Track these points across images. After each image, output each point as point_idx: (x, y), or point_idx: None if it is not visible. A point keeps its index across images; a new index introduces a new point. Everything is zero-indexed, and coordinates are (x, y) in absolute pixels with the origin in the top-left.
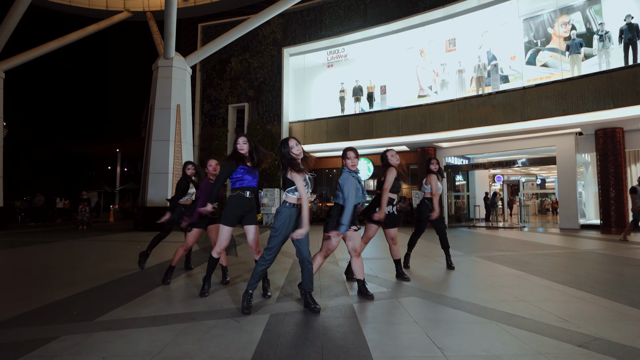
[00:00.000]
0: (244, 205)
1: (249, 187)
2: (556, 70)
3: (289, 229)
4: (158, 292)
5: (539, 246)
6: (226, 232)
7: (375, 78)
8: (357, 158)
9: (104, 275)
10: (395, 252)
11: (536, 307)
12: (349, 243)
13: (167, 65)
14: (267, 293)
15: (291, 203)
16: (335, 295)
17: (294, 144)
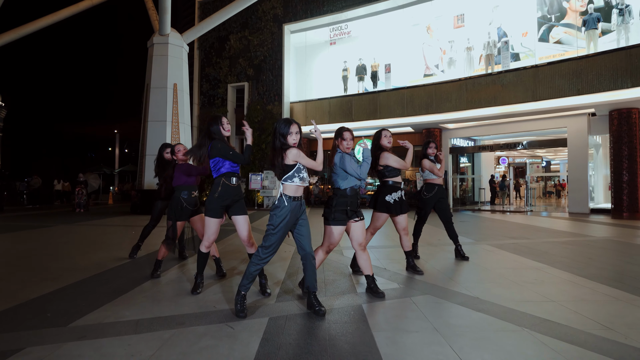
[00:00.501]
0: (230, 193)
1: (234, 172)
2: (571, 47)
3: (288, 225)
4: (146, 288)
5: (553, 233)
6: (213, 225)
7: (380, 56)
8: (352, 140)
9: (90, 266)
10: (406, 243)
11: (569, 309)
12: (353, 236)
13: (163, 42)
14: (266, 290)
15: (290, 196)
16: (341, 293)
17: (295, 131)
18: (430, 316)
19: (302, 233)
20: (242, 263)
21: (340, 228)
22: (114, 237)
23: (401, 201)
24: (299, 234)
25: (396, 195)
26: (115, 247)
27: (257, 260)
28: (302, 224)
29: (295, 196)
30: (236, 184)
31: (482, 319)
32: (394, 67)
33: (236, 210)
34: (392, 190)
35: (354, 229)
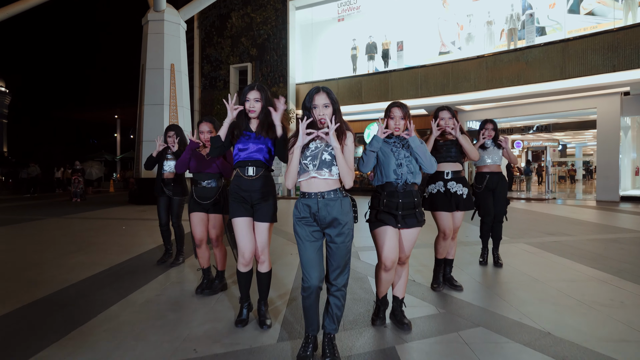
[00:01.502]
0: (245, 188)
1: (252, 160)
2: (604, 19)
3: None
4: (113, 315)
5: (593, 227)
6: (240, 228)
7: (391, 33)
8: (404, 119)
9: (61, 276)
10: (451, 249)
11: None
12: (400, 244)
13: (158, 19)
14: (266, 321)
15: (301, 192)
16: (363, 324)
17: (324, 102)
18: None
19: (338, 243)
20: None
21: (390, 229)
22: (99, 233)
23: (448, 194)
24: (335, 243)
25: (433, 187)
26: (96, 249)
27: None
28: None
29: (307, 192)
30: (253, 177)
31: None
32: (406, 45)
33: (256, 213)
34: (430, 182)
35: (404, 237)
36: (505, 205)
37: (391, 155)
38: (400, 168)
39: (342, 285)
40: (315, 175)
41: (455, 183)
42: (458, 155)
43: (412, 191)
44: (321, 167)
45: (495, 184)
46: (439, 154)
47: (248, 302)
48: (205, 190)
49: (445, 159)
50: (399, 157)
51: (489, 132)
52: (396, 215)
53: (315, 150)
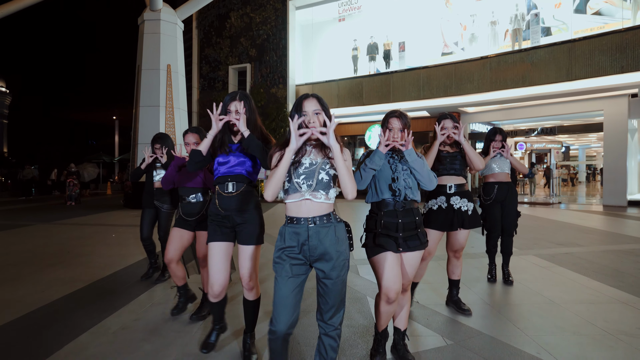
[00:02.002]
0: (225, 207)
1: (232, 174)
2: (612, 19)
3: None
4: (85, 343)
5: (606, 236)
6: (214, 254)
7: (393, 34)
8: (403, 130)
9: (33, 295)
10: (456, 270)
11: None
12: (401, 269)
13: (154, 19)
14: (251, 357)
15: (288, 217)
16: (361, 358)
17: (313, 108)
18: None
19: (332, 280)
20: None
21: (392, 255)
22: (87, 242)
23: (451, 211)
24: (326, 282)
25: (435, 203)
26: (79, 261)
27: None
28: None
29: (294, 217)
30: (233, 194)
31: None
32: (408, 45)
33: (240, 235)
34: (429, 197)
35: (406, 260)
36: (515, 219)
37: (387, 167)
38: (396, 183)
39: (339, 324)
40: (310, 197)
41: (460, 198)
42: (463, 167)
43: (413, 209)
44: (317, 188)
45: (504, 195)
46: (442, 165)
47: (222, 324)
48: (191, 205)
49: (448, 172)
50: (396, 170)
51: (498, 144)
52: (397, 238)
53: (310, 168)
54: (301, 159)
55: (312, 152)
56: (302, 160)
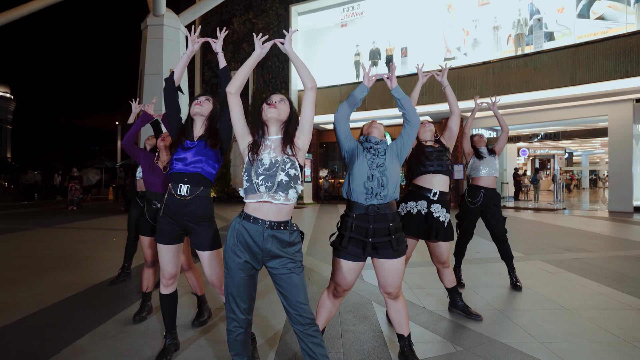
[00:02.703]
0: (175, 210)
1: (185, 173)
2: (616, 24)
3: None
4: (80, 349)
5: (613, 242)
6: (163, 254)
7: (395, 39)
8: (376, 128)
9: (32, 298)
10: (448, 277)
11: None
12: (379, 278)
13: (158, 24)
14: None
15: (244, 213)
16: (367, 357)
17: (278, 98)
18: None
19: (292, 282)
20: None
21: (353, 264)
22: (87, 246)
23: (429, 219)
24: (287, 282)
25: (414, 206)
26: (80, 264)
27: (229, 325)
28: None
29: (246, 214)
30: (185, 197)
31: None
32: (411, 51)
33: (195, 240)
34: (411, 198)
35: (382, 269)
36: (503, 223)
37: (364, 162)
38: (371, 181)
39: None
40: (269, 199)
41: (440, 207)
42: (449, 167)
43: (387, 214)
44: (277, 190)
45: (488, 202)
46: (429, 161)
47: (172, 333)
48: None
49: (435, 169)
50: (372, 165)
51: (480, 140)
52: (366, 243)
53: (270, 170)
54: (261, 154)
55: (272, 148)
56: (262, 157)
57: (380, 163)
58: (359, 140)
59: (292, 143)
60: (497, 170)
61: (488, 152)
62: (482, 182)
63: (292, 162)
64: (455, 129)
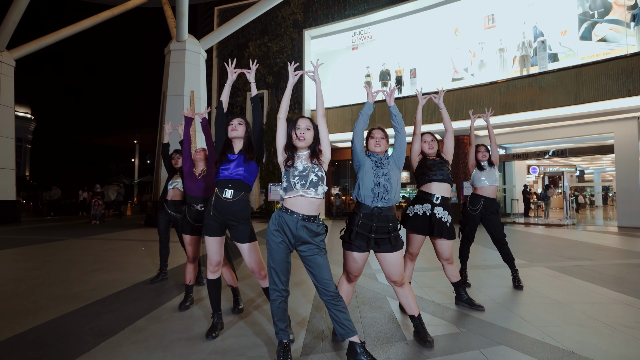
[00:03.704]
0: (221, 209)
1: (230, 180)
2: (617, 45)
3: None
4: (140, 328)
5: (615, 252)
6: (210, 244)
7: (404, 60)
8: (385, 139)
9: (87, 292)
10: (452, 272)
11: None
12: (384, 270)
13: (180, 49)
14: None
15: (283, 207)
16: (385, 340)
17: (305, 125)
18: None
19: (320, 262)
20: (259, 296)
21: (359, 254)
22: (120, 253)
23: (432, 219)
24: (316, 262)
25: (420, 209)
26: (118, 267)
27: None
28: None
29: (286, 208)
30: (230, 199)
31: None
32: (419, 72)
33: (235, 235)
34: (418, 201)
35: (385, 261)
36: (502, 228)
37: (371, 173)
38: (378, 187)
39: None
40: (303, 194)
41: (442, 209)
42: (449, 174)
43: (388, 216)
44: (309, 187)
45: (488, 210)
46: (432, 171)
47: (218, 313)
48: (199, 213)
49: (437, 177)
50: (378, 174)
51: (483, 153)
52: (369, 238)
53: (303, 172)
54: (296, 164)
55: (303, 158)
56: (296, 165)
57: (385, 172)
58: (367, 154)
59: (317, 156)
60: (497, 180)
61: (488, 164)
62: (483, 191)
63: (319, 167)
64: (450, 145)
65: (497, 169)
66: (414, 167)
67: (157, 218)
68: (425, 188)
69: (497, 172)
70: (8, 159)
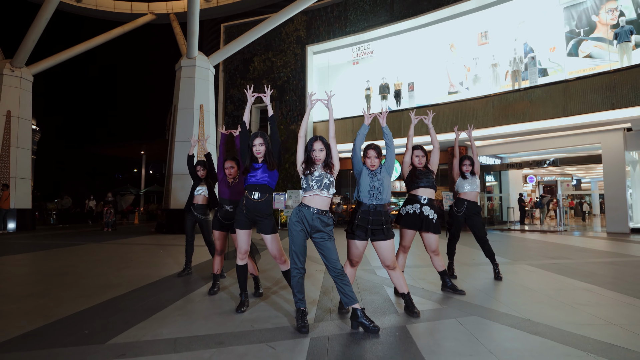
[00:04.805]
0: (250, 208)
1: (257, 184)
2: (602, 61)
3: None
4: (180, 306)
5: (595, 253)
6: (240, 235)
7: (403, 75)
8: (378, 158)
9: (123, 283)
10: (438, 262)
11: (635, 334)
12: (379, 256)
13: (190, 65)
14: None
15: (302, 203)
16: (381, 313)
17: (319, 147)
18: (483, 339)
19: (329, 246)
20: (275, 285)
21: (359, 242)
22: (142, 255)
23: (421, 217)
24: (326, 246)
25: (411, 208)
26: (145, 265)
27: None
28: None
29: (304, 204)
30: (257, 199)
31: (540, 342)
32: (417, 86)
33: (261, 228)
34: (408, 203)
35: (380, 248)
36: (483, 227)
37: (368, 178)
38: (373, 190)
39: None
40: (318, 193)
41: (429, 208)
42: (434, 181)
43: (381, 211)
44: (323, 188)
45: (470, 212)
46: (419, 179)
47: (245, 292)
48: (228, 213)
49: (424, 184)
50: (373, 180)
51: (467, 167)
52: (367, 229)
53: (319, 177)
54: (313, 171)
55: (319, 167)
56: (313, 172)
57: (379, 178)
58: (364, 163)
59: (329, 167)
60: (478, 187)
61: (470, 174)
62: (466, 196)
63: (330, 175)
64: (436, 159)
65: (478, 177)
66: (405, 175)
67: (184, 220)
68: (414, 192)
69: (477, 180)
70: (25, 169)
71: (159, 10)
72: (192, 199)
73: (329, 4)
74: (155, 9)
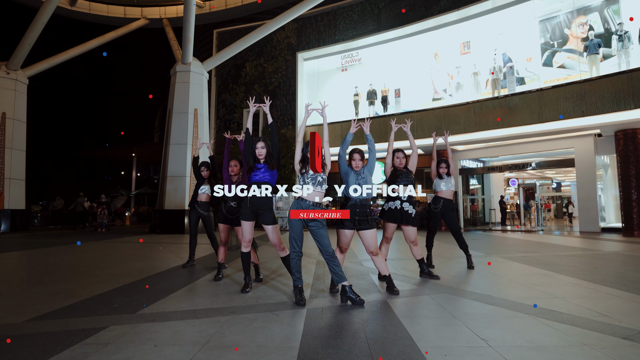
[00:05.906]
0: (254, 202)
1: (260, 181)
2: (574, 72)
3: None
4: (193, 288)
5: (562, 248)
6: (245, 226)
7: (390, 81)
8: (362, 160)
9: (133, 273)
10: (417, 252)
11: (572, 303)
12: (364, 243)
13: (185, 70)
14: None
15: (299, 197)
16: (366, 292)
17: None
18: (448, 307)
19: (322, 233)
20: (272, 273)
21: (348, 231)
22: (143, 251)
23: (402, 212)
24: (319, 232)
25: (392, 204)
26: (149, 259)
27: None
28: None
29: (301, 198)
30: (259, 195)
31: (493, 309)
32: (403, 92)
33: (262, 219)
34: (389, 200)
35: (364, 236)
36: (457, 222)
37: (354, 177)
38: (359, 188)
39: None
40: (314, 189)
41: (408, 204)
42: (412, 181)
43: (366, 205)
44: (317, 185)
45: (446, 208)
46: (399, 179)
47: (249, 276)
48: (232, 208)
49: (404, 182)
50: (358, 179)
51: (443, 169)
52: (354, 220)
53: (314, 176)
54: (309, 170)
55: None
56: (309, 172)
57: (362, 177)
58: (349, 165)
59: (323, 167)
60: (453, 186)
61: (446, 175)
62: (443, 194)
63: (323, 173)
64: (414, 161)
65: (453, 178)
66: (387, 176)
67: (189, 215)
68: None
69: (452, 180)
70: (19, 170)
71: (152, 15)
72: (196, 197)
73: (319, 12)
74: (149, 14)
